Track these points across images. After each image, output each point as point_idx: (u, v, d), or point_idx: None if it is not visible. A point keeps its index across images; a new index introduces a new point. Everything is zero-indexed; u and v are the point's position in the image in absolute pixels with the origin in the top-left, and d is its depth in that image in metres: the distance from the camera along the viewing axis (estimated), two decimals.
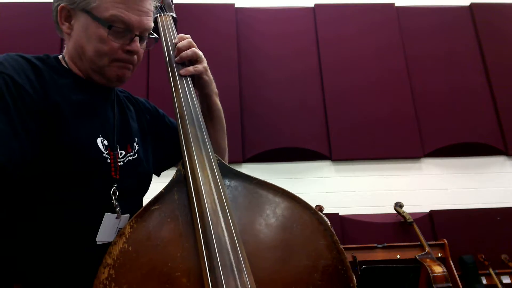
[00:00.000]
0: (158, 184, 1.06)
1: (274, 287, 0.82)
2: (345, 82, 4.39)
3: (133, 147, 1.16)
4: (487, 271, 3.64)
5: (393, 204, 3.94)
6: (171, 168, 1.40)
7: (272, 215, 0.91)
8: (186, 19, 4.08)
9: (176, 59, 1.21)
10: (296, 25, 4.64)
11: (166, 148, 1.34)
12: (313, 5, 4.74)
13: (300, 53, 4.51)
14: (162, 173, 1.41)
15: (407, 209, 3.89)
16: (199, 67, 1.21)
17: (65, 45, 1.16)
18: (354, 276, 0.86)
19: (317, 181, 4.15)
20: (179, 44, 1.22)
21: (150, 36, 1.15)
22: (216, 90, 1.29)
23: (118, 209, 1.03)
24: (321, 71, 4.45)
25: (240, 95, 4.26)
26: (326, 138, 4.23)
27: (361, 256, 3.55)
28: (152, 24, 1.15)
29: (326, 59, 4.49)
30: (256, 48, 4.51)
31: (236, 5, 4.64)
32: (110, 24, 1.04)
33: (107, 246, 0.82)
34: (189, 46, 1.22)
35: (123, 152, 1.11)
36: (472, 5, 4.78)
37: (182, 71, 1.18)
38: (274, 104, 4.28)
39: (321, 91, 4.38)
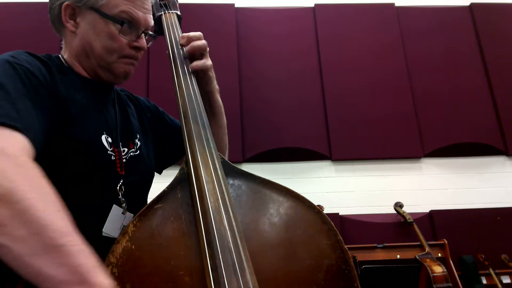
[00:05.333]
0: (160, 184, 1.06)
1: (278, 286, 0.82)
2: (345, 82, 4.38)
3: (135, 144, 1.17)
4: (487, 271, 3.64)
5: (393, 204, 3.94)
6: (174, 167, 1.40)
7: (275, 214, 0.91)
8: (186, 19, 4.04)
9: (187, 48, 1.20)
10: (296, 25, 4.63)
11: (167, 146, 1.35)
12: (313, 5, 4.74)
13: (300, 53, 4.51)
14: (164, 173, 1.41)
15: (407, 209, 3.89)
16: (208, 62, 1.21)
17: (62, 44, 1.17)
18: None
19: (317, 181, 4.15)
20: (191, 34, 1.21)
21: (150, 34, 1.17)
22: (217, 86, 1.29)
23: (124, 204, 1.05)
24: (321, 71, 4.44)
25: (240, 95, 4.26)
26: (326, 138, 4.23)
27: (361, 256, 3.54)
28: (153, 22, 1.17)
29: (326, 59, 4.48)
30: (256, 48, 4.51)
31: (236, 5, 4.64)
32: (122, 21, 1.06)
33: (111, 241, 0.82)
34: (200, 38, 1.21)
35: (126, 149, 1.12)
36: (472, 5, 4.78)
37: (194, 64, 1.18)
38: (274, 104, 4.27)
39: (321, 91, 4.38)
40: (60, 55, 1.15)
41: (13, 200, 0.67)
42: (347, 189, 4.12)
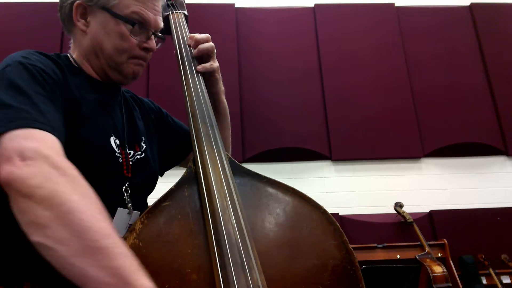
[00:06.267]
0: (164, 184, 1.06)
1: (284, 285, 0.82)
2: (345, 82, 4.38)
3: (140, 146, 1.17)
4: (487, 271, 3.64)
5: (393, 204, 3.94)
6: (175, 168, 1.40)
7: (282, 214, 0.91)
8: None
9: (194, 51, 1.22)
10: (296, 25, 4.63)
11: (170, 148, 1.35)
12: (313, 5, 4.74)
13: (300, 53, 4.51)
14: (167, 173, 1.41)
15: (407, 209, 3.89)
16: (215, 64, 1.22)
17: (70, 44, 1.17)
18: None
19: (317, 181, 4.15)
20: (198, 36, 1.22)
21: (159, 36, 1.17)
22: (223, 88, 1.31)
23: (130, 205, 1.05)
24: (321, 71, 4.44)
25: (240, 95, 4.26)
26: (326, 138, 4.22)
27: (361, 256, 3.53)
28: (163, 24, 1.18)
29: (326, 59, 4.48)
30: (256, 48, 4.50)
31: (236, 5, 4.63)
32: (133, 21, 1.07)
33: None
34: (207, 40, 1.23)
35: (132, 152, 1.12)
36: (472, 5, 4.78)
37: (200, 67, 1.19)
38: (274, 104, 4.27)
39: (321, 91, 4.38)
40: (69, 55, 1.15)
41: (56, 202, 0.68)
42: (347, 189, 4.12)
